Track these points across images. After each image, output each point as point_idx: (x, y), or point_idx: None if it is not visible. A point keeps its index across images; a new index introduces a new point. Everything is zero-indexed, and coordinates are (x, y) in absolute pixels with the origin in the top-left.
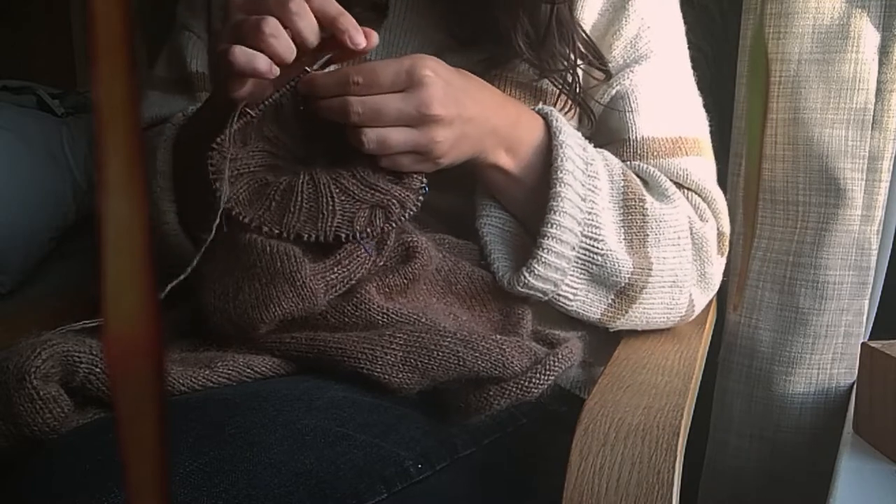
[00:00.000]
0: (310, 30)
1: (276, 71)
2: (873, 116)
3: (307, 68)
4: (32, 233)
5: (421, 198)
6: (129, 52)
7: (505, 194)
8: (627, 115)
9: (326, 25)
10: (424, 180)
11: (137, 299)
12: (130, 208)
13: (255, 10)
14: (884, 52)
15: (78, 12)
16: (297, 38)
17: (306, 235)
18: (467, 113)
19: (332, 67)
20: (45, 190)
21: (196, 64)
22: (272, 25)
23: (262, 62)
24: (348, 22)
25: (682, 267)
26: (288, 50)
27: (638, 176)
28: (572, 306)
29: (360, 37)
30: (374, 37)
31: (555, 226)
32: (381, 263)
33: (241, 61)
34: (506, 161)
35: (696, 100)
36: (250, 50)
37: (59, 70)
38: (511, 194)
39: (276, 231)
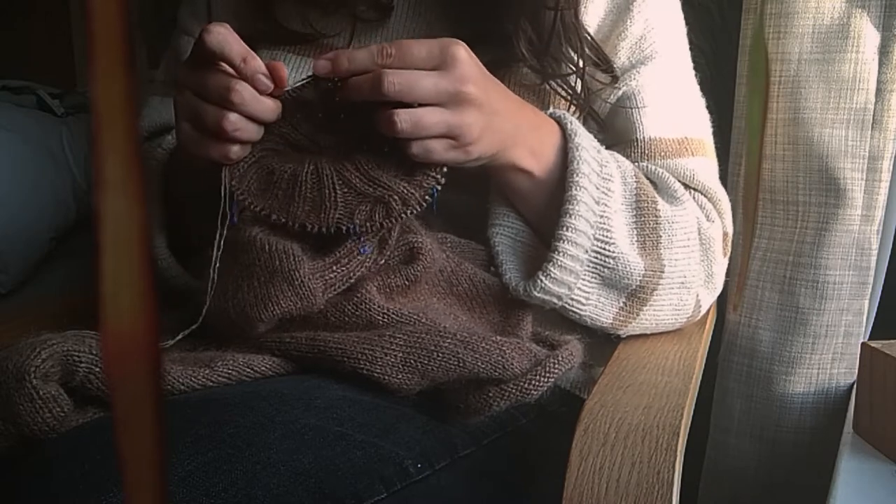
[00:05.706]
0: (264, 110)
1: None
2: (873, 116)
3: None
4: (32, 233)
5: (428, 197)
6: (128, 51)
7: (524, 198)
8: (634, 115)
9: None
10: (441, 179)
11: (135, 298)
12: (128, 207)
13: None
14: (884, 52)
15: (78, 12)
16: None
17: (310, 226)
18: (495, 104)
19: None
20: (45, 190)
21: None
22: (233, 121)
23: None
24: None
25: (690, 268)
26: (254, 133)
27: (646, 177)
28: (585, 311)
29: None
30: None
31: (569, 229)
32: (383, 262)
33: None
34: (530, 163)
35: (699, 101)
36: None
37: (59, 70)
38: (531, 198)
39: (283, 220)
